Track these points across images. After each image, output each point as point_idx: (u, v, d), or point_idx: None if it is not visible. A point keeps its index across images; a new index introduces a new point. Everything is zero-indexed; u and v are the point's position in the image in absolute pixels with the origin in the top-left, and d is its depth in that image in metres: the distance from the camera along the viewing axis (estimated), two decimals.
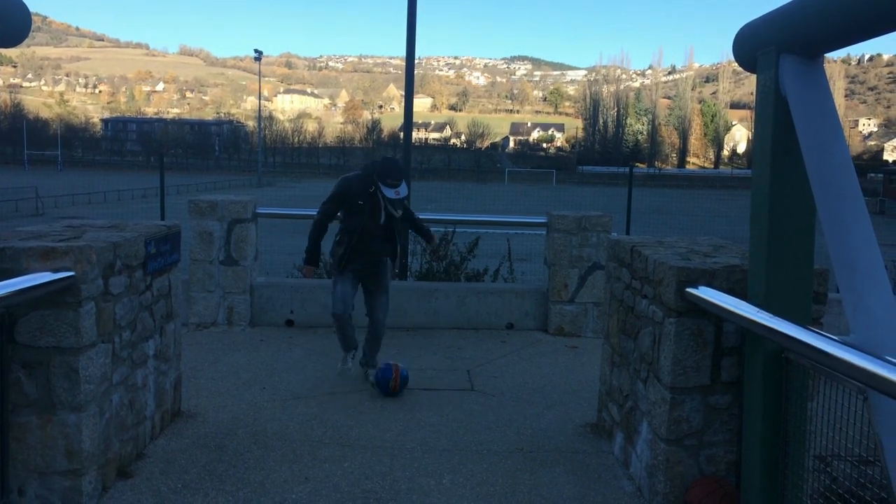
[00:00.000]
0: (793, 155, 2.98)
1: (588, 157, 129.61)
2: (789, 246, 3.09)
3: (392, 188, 5.16)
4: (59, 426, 3.32)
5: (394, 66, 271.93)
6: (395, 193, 5.17)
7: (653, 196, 33.10)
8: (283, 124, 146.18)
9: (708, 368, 3.47)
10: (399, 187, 5.19)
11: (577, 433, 4.69)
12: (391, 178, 5.17)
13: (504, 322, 7.43)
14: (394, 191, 5.16)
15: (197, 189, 48.12)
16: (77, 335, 3.28)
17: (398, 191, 5.18)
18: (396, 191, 5.17)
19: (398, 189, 5.18)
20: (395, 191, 5.16)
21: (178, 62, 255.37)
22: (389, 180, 5.16)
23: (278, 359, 6.10)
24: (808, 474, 3.01)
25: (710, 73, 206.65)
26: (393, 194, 5.17)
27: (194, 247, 7.03)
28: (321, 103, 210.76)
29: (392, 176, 5.17)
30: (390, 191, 5.16)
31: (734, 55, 3.46)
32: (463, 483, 3.89)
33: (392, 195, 5.17)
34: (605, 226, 7.31)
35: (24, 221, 22.86)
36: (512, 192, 42.84)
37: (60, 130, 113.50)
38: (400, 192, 5.19)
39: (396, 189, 5.17)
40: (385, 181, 5.16)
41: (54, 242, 3.37)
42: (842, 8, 2.55)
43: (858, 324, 2.61)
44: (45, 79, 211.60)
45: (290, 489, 3.74)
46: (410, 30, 8.48)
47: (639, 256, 4.01)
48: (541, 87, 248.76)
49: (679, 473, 3.52)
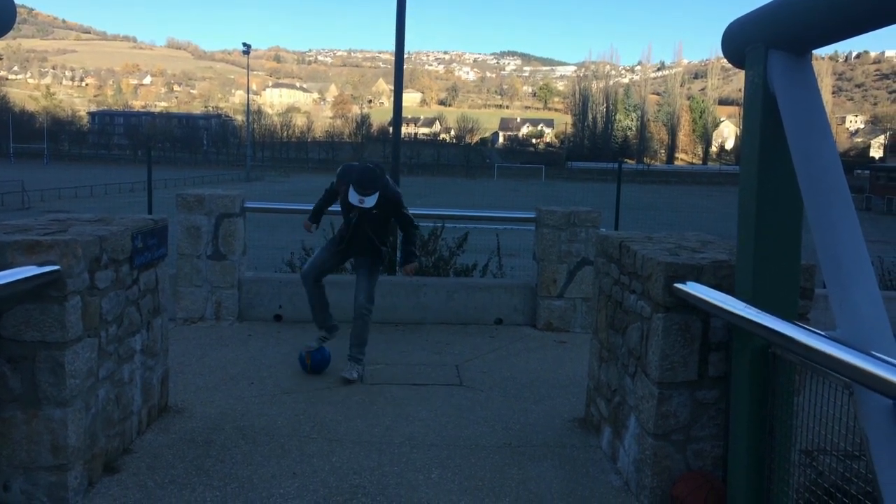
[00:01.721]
0: (780, 151, 2.99)
1: (577, 152, 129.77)
2: (776, 242, 3.10)
3: (357, 195, 5.27)
4: (45, 421, 3.29)
5: (383, 60, 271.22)
6: (359, 202, 5.28)
7: (641, 192, 33.19)
8: (271, 118, 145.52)
9: (695, 363, 3.49)
10: (365, 198, 5.27)
11: (565, 428, 4.70)
12: (360, 187, 5.27)
13: (493, 317, 7.43)
14: (358, 198, 5.27)
15: (185, 183, 47.86)
16: (63, 329, 3.26)
17: (362, 199, 5.28)
18: (361, 199, 5.27)
19: (363, 199, 5.27)
20: (359, 198, 5.27)
21: (165, 55, 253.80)
22: (358, 188, 5.27)
23: (266, 354, 6.08)
24: (794, 468, 3.03)
25: (698, 70, 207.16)
26: (356, 201, 5.28)
27: (182, 241, 6.99)
28: (310, 98, 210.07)
29: (361, 185, 5.27)
30: (355, 196, 5.27)
31: (723, 51, 3.47)
32: (451, 477, 3.90)
33: (354, 201, 5.28)
34: (594, 221, 7.32)
35: (9, 215, 22.67)
36: (501, 188, 42.88)
37: (47, 123, 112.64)
38: (364, 202, 5.28)
39: (361, 198, 5.27)
40: (355, 186, 5.27)
41: (40, 236, 3.34)
42: (830, 4, 2.56)
43: (845, 319, 2.62)
44: (31, 71, 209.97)
45: (278, 484, 3.73)
46: (400, 24, 8.46)
47: (627, 252, 4.02)
48: (530, 82, 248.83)
49: (666, 468, 3.54)
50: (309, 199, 5.67)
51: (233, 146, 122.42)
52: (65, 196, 41.28)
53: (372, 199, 5.29)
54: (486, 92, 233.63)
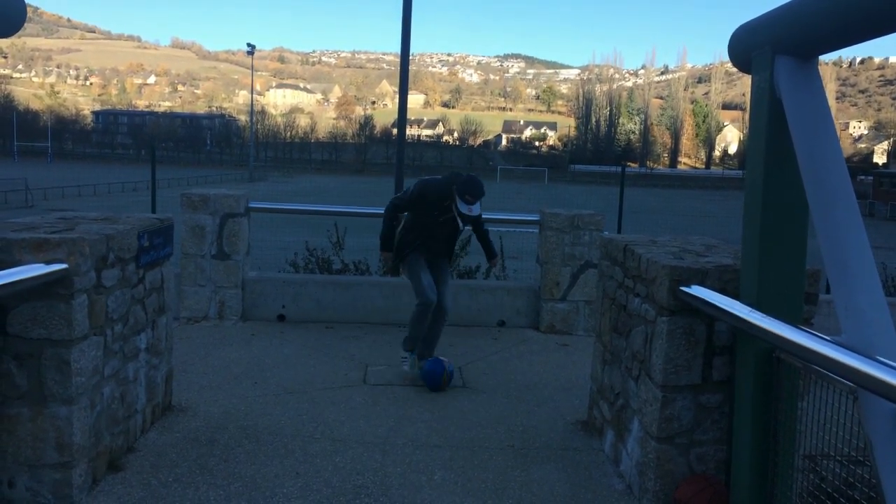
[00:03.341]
0: (786, 155, 3.00)
1: (580, 155, 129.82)
2: (782, 246, 3.11)
3: (468, 204, 5.43)
4: (50, 419, 3.30)
5: (387, 62, 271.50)
6: (469, 210, 5.44)
7: (644, 195, 33.13)
8: (275, 119, 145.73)
9: (699, 367, 3.49)
10: (474, 205, 5.45)
11: (567, 430, 4.70)
12: (470, 195, 5.42)
13: (495, 319, 7.44)
14: (468, 207, 5.43)
15: (188, 183, 47.96)
16: (69, 327, 3.27)
17: (471, 208, 5.45)
18: (470, 208, 5.44)
19: (472, 207, 5.44)
20: (469, 207, 5.43)
21: (169, 55, 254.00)
22: (468, 196, 5.42)
23: (270, 353, 6.09)
24: (797, 473, 3.04)
25: (702, 74, 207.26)
26: (466, 210, 5.45)
27: (186, 240, 7.01)
28: (314, 98, 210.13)
29: (472, 193, 5.43)
30: (465, 206, 5.43)
31: (729, 55, 3.48)
32: (454, 479, 3.90)
33: (465, 210, 5.45)
34: (598, 224, 7.33)
35: (13, 213, 22.74)
36: (504, 190, 42.86)
37: (51, 122, 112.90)
38: (473, 210, 5.46)
39: (471, 206, 5.43)
40: (464, 196, 5.42)
41: (47, 234, 3.36)
42: (837, 10, 2.57)
43: (849, 324, 2.62)
44: (36, 70, 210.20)
45: (282, 484, 3.74)
46: (405, 27, 8.47)
47: (632, 255, 4.03)
48: (534, 85, 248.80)
49: (669, 471, 3.54)
50: (311, 199, 5.68)
51: (236, 146, 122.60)
52: (68, 195, 41.36)
53: (478, 206, 5.51)
54: (489, 94, 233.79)
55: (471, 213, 5.47)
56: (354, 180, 70.94)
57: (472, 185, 5.45)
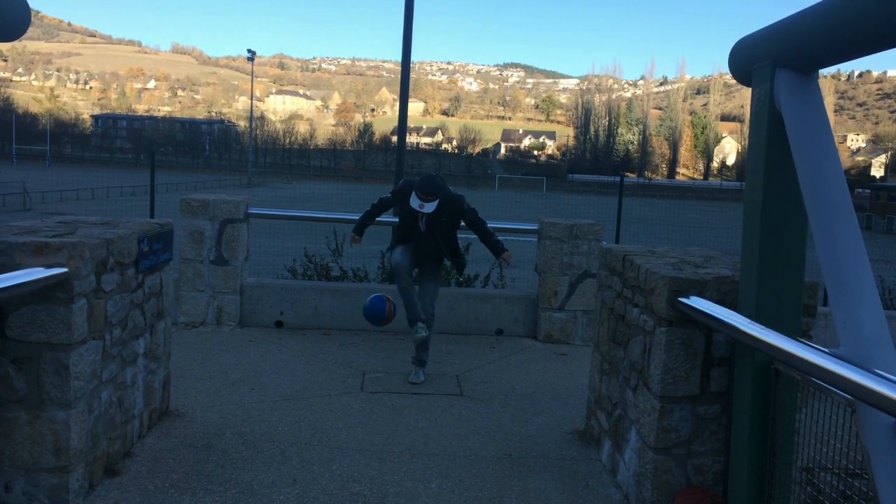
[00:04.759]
0: (786, 168, 3.01)
1: (578, 165, 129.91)
2: (781, 258, 3.12)
3: (420, 200, 5.53)
4: (48, 422, 3.30)
5: (387, 69, 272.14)
6: (420, 206, 5.53)
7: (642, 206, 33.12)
8: (274, 125, 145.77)
9: (697, 378, 3.50)
10: (427, 203, 5.53)
11: (565, 440, 4.70)
12: (421, 192, 5.55)
13: (493, 328, 7.44)
14: (419, 203, 5.53)
15: (186, 188, 47.86)
16: (68, 331, 3.27)
17: (423, 205, 5.52)
18: (422, 204, 5.53)
19: (424, 204, 5.52)
20: (420, 203, 5.52)
21: (170, 60, 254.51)
22: (419, 193, 5.54)
23: (267, 360, 6.08)
24: (794, 485, 3.04)
25: (701, 85, 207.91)
26: (417, 206, 5.53)
27: (185, 245, 7.01)
28: (313, 105, 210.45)
29: (422, 191, 5.54)
30: (416, 202, 5.54)
31: (729, 68, 3.49)
32: (451, 487, 3.90)
33: (416, 206, 5.54)
34: (597, 234, 7.34)
35: (11, 216, 22.72)
36: (502, 199, 42.91)
37: (50, 126, 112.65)
38: (425, 208, 5.54)
39: (422, 203, 5.52)
40: (417, 192, 5.55)
41: (47, 238, 3.36)
42: (838, 25, 2.59)
43: (848, 336, 2.63)
44: (36, 73, 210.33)
45: (278, 490, 3.74)
46: (406, 35, 8.50)
47: (631, 265, 4.04)
48: (533, 94, 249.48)
49: (666, 482, 3.54)
50: (310, 205, 5.70)
51: (235, 151, 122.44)
52: (66, 198, 41.25)
53: (432, 205, 5.55)
54: (488, 103, 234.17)
55: (421, 210, 5.55)
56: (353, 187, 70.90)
57: (424, 183, 5.57)
